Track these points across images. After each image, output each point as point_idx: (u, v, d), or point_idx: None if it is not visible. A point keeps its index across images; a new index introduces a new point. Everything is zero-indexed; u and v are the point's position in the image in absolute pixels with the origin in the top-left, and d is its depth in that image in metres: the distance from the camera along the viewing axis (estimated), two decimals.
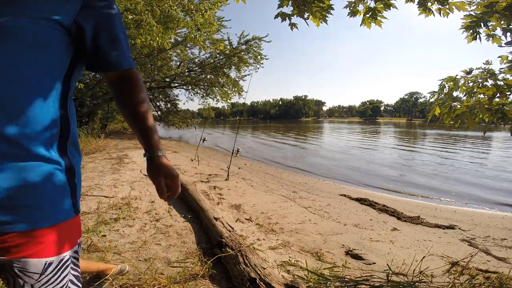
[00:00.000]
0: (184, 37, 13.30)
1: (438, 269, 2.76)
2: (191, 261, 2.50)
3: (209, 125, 47.84)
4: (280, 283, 1.93)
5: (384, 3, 2.46)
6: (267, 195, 5.54)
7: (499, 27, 2.19)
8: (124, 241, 2.82)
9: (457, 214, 5.21)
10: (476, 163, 11.08)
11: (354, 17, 2.64)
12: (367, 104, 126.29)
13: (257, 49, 15.61)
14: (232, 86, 17.04)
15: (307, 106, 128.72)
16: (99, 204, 3.78)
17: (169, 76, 15.90)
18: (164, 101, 19.87)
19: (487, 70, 2.45)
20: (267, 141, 20.76)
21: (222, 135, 27.68)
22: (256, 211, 4.45)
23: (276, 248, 3.03)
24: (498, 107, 2.30)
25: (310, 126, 49.14)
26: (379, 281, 2.17)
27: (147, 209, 3.84)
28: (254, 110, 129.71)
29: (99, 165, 6.65)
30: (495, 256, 3.25)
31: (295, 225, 3.94)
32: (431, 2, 2.39)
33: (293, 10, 2.42)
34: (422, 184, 7.77)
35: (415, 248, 3.38)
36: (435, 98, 2.71)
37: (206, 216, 3.27)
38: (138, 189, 4.81)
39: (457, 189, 7.30)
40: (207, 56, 16.18)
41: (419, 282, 2.18)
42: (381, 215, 4.76)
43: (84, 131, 10.72)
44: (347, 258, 2.99)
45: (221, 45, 11.78)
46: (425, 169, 9.80)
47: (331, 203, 5.28)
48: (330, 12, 2.35)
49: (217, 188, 5.61)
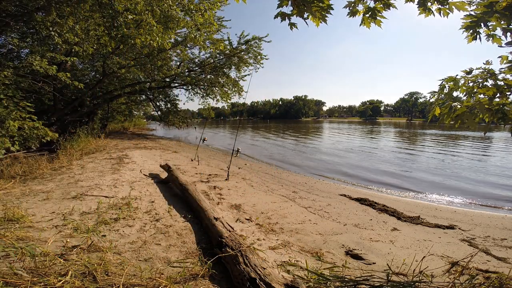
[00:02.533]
0: (184, 37, 13.30)
1: (438, 269, 2.76)
2: (191, 261, 2.50)
3: (209, 125, 47.84)
4: (280, 283, 1.93)
5: (384, 3, 2.46)
6: (267, 195, 5.54)
7: (499, 27, 2.19)
8: (124, 241, 2.82)
9: (457, 214, 5.21)
10: (477, 161, 11.08)
11: (354, 17, 2.64)
12: (367, 104, 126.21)
13: (257, 49, 15.63)
14: (232, 86, 17.03)
15: (307, 106, 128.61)
16: (99, 204, 3.78)
17: (169, 76, 15.87)
18: (164, 101, 19.82)
19: (487, 70, 2.45)
20: (267, 141, 20.76)
21: (222, 135, 27.69)
22: (256, 211, 4.45)
23: (276, 248, 3.03)
24: (498, 107, 2.30)
25: (310, 126, 49.13)
26: (379, 281, 2.17)
27: (147, 209, 3.84)
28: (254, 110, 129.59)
29: (99, 165, 6.65)
30: (495, 256, 3.25)
31: (295, 225, 3.94)
32: (431, 2, 2.39)
33: (292, 10, 2.42)
34: (422, 184, 7.76)
35: (415, 248, 3.38)
36: (435, 98, 2.71)
37: (206, 216, 3.27)
38: (138, 189, 4.81)
39: (458, 189, 7.29)
40: (207, 56, 16.19)
41: (419, 282, 2.18)
42: (381, 215, 4.76)
43: (84, 131, 10.72)
44: (347, 258, 2.99)
45: (221, 45, 11.77)
46: (425, 169, 9.80)
47: (331, 203, 5.28)
48: (330, 12, 2.35)
49: (217, 188, 5.61)
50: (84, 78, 14.96)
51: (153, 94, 18.82)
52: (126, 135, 17.26)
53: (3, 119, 5.25)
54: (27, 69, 6.34)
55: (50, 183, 4.92)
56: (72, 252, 2.41)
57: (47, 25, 5.80)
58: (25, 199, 3.96)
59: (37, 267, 2.04)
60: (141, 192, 4.65)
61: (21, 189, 4.48)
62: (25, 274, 1.92)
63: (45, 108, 11.62)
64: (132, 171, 6.23)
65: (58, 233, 2.87)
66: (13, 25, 6.86)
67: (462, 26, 2.22)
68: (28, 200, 3.94)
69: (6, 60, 7.66)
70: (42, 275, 1.93)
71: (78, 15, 5.86)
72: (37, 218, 3.26)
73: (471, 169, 9.79)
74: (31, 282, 1.81)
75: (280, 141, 20.84)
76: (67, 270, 2.01)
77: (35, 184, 4.80)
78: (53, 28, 5.85)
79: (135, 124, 28.27)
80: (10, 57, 9.15)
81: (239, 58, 15.76)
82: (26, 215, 3.22)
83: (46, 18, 5.75)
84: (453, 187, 7.48)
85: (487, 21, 2.14)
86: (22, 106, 5.97)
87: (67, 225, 3.07)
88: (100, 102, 14.45)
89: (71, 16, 5.84)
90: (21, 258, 2.16)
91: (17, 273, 1.90)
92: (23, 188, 4.55)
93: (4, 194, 4.21)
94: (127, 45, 9.67)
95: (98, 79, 13.55)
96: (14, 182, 4.85)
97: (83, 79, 14.70)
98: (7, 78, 5.79)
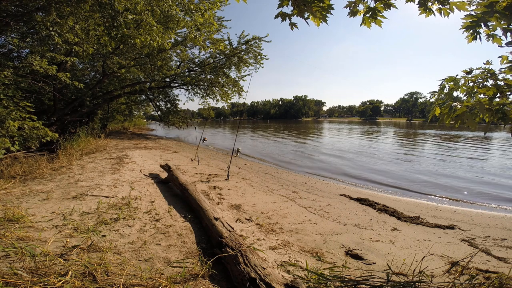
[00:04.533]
0: (184, 37, 13.30)
1: (438, 269, 2.76)
2: (191, 261, 2.50)
3: (209, 125, 47.84)
4: (280, 283, 1.93)
5: (384, 2, 2.46)
6: (267, 195, 5.54)
7: (499, 27, 2.19)
8: (124, 241, 2.82)
9: (457, 214, 5.21)
10: (478, 161, 11.08)
11: (354, 16, 2.64)
12: (367, 104, 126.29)
13: (257, 49, 15.63)
14: (232, 86, 17.04)
15: (307, 106, 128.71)
16: (99, 204, 3.78)
17: (169, 76, 15.87)
18: (164, 101, 19.81)
19: (487, 70, 2.45)
20: (267, 141, 20.76)
21: (222, 135, 27.68)
22: (256, 211, 4.44)
23: (276, 248, 3.03)
24: (498, 107, 2.30)
25: (310, 126, 49.14)
26: (379, 281, 2.17)
27: (147, 209, 3.84)
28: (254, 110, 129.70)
29: (99, 165, 6.65)
30: (495, 256, 3.25)
31: (295, 225, 3.94)
32: (431, 2, 2.39)
33: (293, 10, 2.42)
34: (422, 184, 7.76)
35: (415, 248, 3.38)
36: (435, 98, 2.71)
37: (206, 216, 3.27)
38: (138, 189, 4.81)
39: (458, 189, 7.29)
40: (207, 56, 16.19)
41: (419, 282, 2.18)
42: (381, 215, 4.76)
43: (84, 131, 10.71)
44: (347, 258, 2.99)
45: (221, 45, 11.78)
46: (425, 169, 9.79)
47: (331, 203, 5.28)
48: (330, 12, 2.35)
49: (217, 188, 5.61)
50: (84, 78, 14.96)
51: (153, 94, 18.82)
52: (126, 135, 17.26)
53: (3, 119, 5.25)
54: (27, 69, 6.34)
55: (50, 183, 4.92)
56: (72, 252, 2.41)
57: (47, 25, 5.79)
58: (25, 199, 3.96)
59: (37, 267, 2.04)
60: (141, 192, 4.65)
61: (21, 189, 4.48)
62: (25, 274, 1.92)
63: (45, 108, 11.61)
64: (132, 171, 6.22)
65: (58, 233, 2.87)
66: (13, 25, 6.86)
67: (462, 26, 2.22)
68: (28, 200, 3.94)
69: (6, 60, 7.66)
70: (42, 275, 1.93)
71: (78, 15, 5.86)
72: (37, 218, 3.26)
73: (471, 169, 9.79)
74: (31, 282, 1.81)
75: (280, 141, 20.83)
76: (67, 270, 2.01)
77: (35, 184, 4.80)
78: (53, 28, 5.85)
79: (135, 124, 28.27)
80: (10, 57, 9.15)
81: (239, 58, 15.77)
82: (26, 215, 3.22)
83: (46, 18, 5.75)
84: (453, 187, 7.48)
85: (487, 21, 2.13)
86: (22, 106, 5.97)
87: (67, 225, 3.06)
88: (100, 102, 14.45)
89: (71, 16, 5.84)
90: (21, 258, 2.16)
91: (17, 273, 1.90)
92: (23, 188, 4.55)
93: (4, 194, 4.21)
94: (127, 45, 9.68)
95: (98, 79, 13.55)
96: (14, 182, 4.85)
97: (83, 79, 14.69)
98: (7, 78, 5.79)
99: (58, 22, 5.80)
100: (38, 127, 5.92)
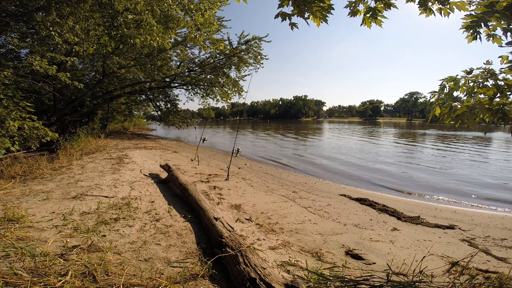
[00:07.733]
0: (184, 37, 13.30)
1: (438, 269, 2.76)
2: (191, 261, 2.50)
3: (209, 125, 47.86)
4: (280, 283, 1.93)
5: (385, 2, 2.46)
6: (267, 195, 5.54)
7: (499, 27, 2.19)
8: (124, 241, 2.82)
9: (457, 214, 5.21)
10: (478, 161, 11.08)
11: (355, 16, 2.64)
12: (367, 104, 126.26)
13: (257, 49, 15.63)
14: (232, 86, 17.04)
15: (307, 106, 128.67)
16: (99, 204, 3.78)
17: (169, 76, 15.87)
18: (164, 101, 19.82)
19: (488, 70, 2.45)
20: (267, 141, 20.76)
21: (222, 135, 27.68)
22: (256, 211, 4.44)
23: (276, 248, 3.03)
24: (499, 107, 2.29)
25: (310, 126, 49.15)
26: (379, 281, 2.17)
27: (147, 209, 3.84)
28: (254, 110, 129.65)
29: (99, 165, 6.64)
30: (495, 256, 3.25)
31: (295, 225, 3.94)
32: (431, 2, 2.38)
33: (293, 10, 2.42)
34: (422, 184, 7.76)
35: (415, 248, 3.38)
36: (435, 98, 2.71)
37: (206, 216, 3.27)
38: (138, 189, 4.81)
39: (458, 189, 7.29)
40: (207, 56, 16.19)
41: (419, 282, 2.18)
42: (381, 215, 4.75)
43: (84, 131, 10.71)
44: (347, 258, 2.99)
45: (221, 45, 11.78)
46: (425, 169, 9.79)
47: (331, 203, 5.28)
48: (330, 11, 2.35)
49: (217, 188, 5.61)
50: (84, 78, 14.95)
51: (153, 94, 18.82)
52: (126, 135, 17.26)
53: (3, 119, 5.24)
54: (27, 69, 6.34)
55: (50, 183, 4.91)
56: (72, 252, 2.40)
57: (47, 25, 5.79)
58: (25, 199, 3.96)
59: (37, 267, 2.04)
60: (141, 192, 4.65)
61: (21, 189, 4.48)
62: (25, 274, 1.91)
63: (45, 108, 11.61)
64: (132, 171, 6.22)
65: (58, 233, 2.86)
66: (13, 25, 6.85)
67: (463, 26, 2.22)
68: (28, 200, 3.94)
69: (6, 60, 7.65)
70: (42, 275, 1.93)
71: (78, 15, 5.86)
72: (37, 218, 3.26)
73: (472, 170, 9.79)
74: (31, 282, 1.81)
75: (280, 141, 20.83)
76: (67, 270, 2.01)
77: (35, 184, 4.80)
78: (53, 28, 5.84)
79: (135, 124, 28.27)
80: (10, 57, 9.15)
81: (239, 58, 15.77)
82: (26, 215, 3.22)
83: (46, 18, 5.74)
84: (453, 187, 7.48)
85: (488, 21, 2.14)
86: (22, 106, 5.96)
87: (67, 225, 3.06)
88: (100, 102, 14.45)
89: (71, 16, 5.84)
90: (21, 258, 2.16)
91: (17, 273, 1.90)
92: (23, 188, 4.55)
93: (4, 194, 4.21)
94: (127, 45, 9.67)
95: (98, 79, 13.55)
96: (14, 182, 4.85)
97: (83, 79, 14.69)
98: (7, 78, 5.79)
99: (58, 22, 5.80)
100: (38, 127, 5.92)
